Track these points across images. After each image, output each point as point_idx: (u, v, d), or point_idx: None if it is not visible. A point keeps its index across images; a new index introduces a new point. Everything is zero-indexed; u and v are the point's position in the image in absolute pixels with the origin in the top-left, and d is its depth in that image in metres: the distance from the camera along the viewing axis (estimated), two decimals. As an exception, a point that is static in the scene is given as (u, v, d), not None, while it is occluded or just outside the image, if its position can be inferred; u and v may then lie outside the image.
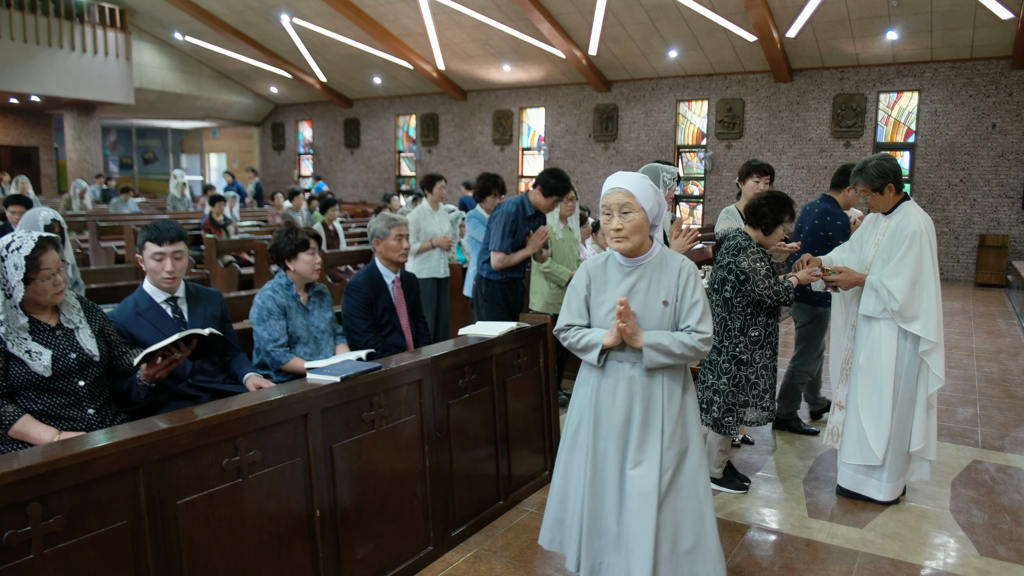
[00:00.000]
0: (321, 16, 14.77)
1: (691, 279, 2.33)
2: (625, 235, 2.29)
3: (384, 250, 3.71)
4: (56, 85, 14.61)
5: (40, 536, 1.77)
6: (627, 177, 2.33)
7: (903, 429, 3.47)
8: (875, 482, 3.54)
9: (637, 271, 2.36)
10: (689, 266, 2.35)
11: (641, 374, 2.35)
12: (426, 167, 18.11)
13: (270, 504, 2.33)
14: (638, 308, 2.33)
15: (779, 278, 3.46)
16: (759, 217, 3.48)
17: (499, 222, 4.40)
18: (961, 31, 11.30)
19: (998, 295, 10.95)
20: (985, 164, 12.10)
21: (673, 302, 2.33)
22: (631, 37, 13.37)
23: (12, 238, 2.38)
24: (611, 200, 2.31)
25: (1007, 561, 3.07)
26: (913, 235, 3.34)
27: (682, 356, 2.29)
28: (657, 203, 2.34)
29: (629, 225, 2.28)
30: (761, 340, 3.46)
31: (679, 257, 2.37)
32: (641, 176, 2.33)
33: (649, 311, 2.33)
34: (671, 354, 2.27)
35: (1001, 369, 6.34)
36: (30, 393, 2.37)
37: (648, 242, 2.37)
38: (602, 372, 2.40)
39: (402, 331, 3.74)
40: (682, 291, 2.32)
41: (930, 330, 3.34)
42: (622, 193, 2.29)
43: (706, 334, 2.30)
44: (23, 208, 5.52)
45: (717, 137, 14.30)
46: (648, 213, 2.30)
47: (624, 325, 2.26)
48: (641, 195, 2.29)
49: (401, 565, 2.83)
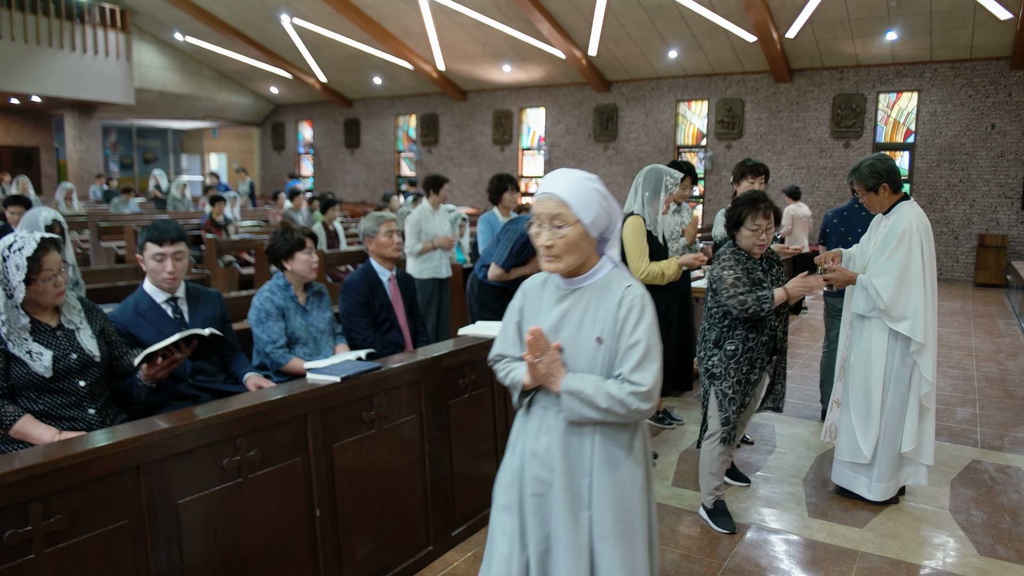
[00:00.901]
0: (321, 16, 14.77)
1: (633, 312, 1.79)
2: (556, 254, 1.81)
3: (376, 247, 3.72)
4: (57, 85, 14.62)
5: (41, 536, 1.78)
6: (562, 180, 1.82)
7: (894, 430, 3.48)
8: (865, 480, 3.57)
9: (573, 296, 1.88)
10: (635, 296, 1.81)
11: (566, 427, 1.86)
12: (426, 167, 18.12)
13: (270, 504, 2.33)
14: (568, 343, 1.85)
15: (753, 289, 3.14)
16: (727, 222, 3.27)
17: (509, 237, 4.34)
18: (960, 31, 11.30)
19: (997, 295, 10.96)
20: (984, 164, 12.11)
21: (609, 340, 1.81)
22: (631, 37, 13.38)
23: (14, 238, 2.38)
24: (540, 209, 1.81)
25: (1006, 561, 3.07)
26: (902, 235, 3.36)
27: (608, 412, 1.77)
28: (605, 211, 1.84)
29: (562, 242, 1.79)
30: (737, 355, 3.19)
31: (626, 282, 1.85)
32: (582, 178, 1.83)
33: (580, 348, 1.84)
34: (594, 406, 1.78)
35: (1000, 369, 6.34)
36: (31, 393, 2.38)
37: (594, 259, 1.88)
38: (527, 418, 1.96)
39: (400, 328, 3.75)
40: (620, 326, 1.80)
41: (917, 330, 3.35)
42: (553, 201, 1.80)
43: (641, 387, 1.75)
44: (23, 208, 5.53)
45: (717, 137, 14.31)
46: (590, 226, 1.80)
47: (536, 361, 1.80)
48: (578, 203, 1.79)
49: (401, 565, 2.83)
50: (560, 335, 1.86)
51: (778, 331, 3.30)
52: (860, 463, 3.54)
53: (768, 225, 3.16)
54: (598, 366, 1.83)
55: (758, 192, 3.22)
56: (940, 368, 6.18)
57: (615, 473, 1.85)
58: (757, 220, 3.14)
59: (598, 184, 1.85)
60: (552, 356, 1.82)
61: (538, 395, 1.92)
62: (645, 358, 1.78)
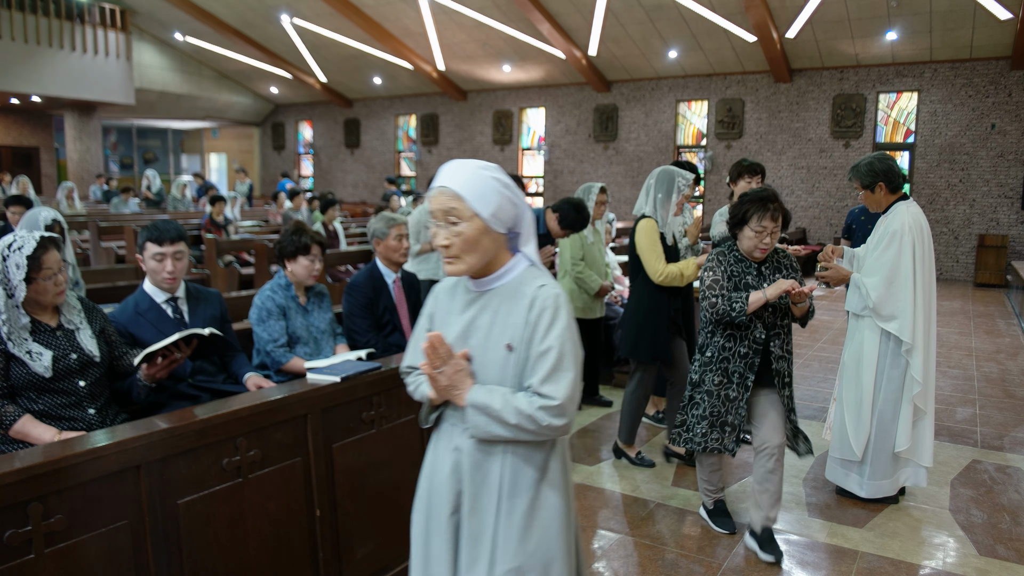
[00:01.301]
0: (321, 16, 14.77)
1: (545, 315, 1.59)
2: (455, 254, 1.62)
3: (384, 250, 3.71)
4: (57, 85, 14.62)
5: (41, 536, 1.78)
6: (455, 171, 1.63)
7: (887, 429, 3.49)
8: (856, 477, 3.58)
9: (482, 299, 1.68)
10: (548, 296, 1.61)
11: (472, 447, 1.66)
12: (426, 167, 18.12)
13: (270, 504, 2.33)
14: (477, 351, 1.66)
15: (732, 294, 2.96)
16: (730, 219, 3.04)
17: None
18: (960, 31, 11.30)
19: (997, 295, 10.95)
20: (984, 164, 12.11)
21: (520, 347, 1.61)
22: (631, 37, 13.38)
23: (14, 238, 2.38)
24: (434, 205, 1.63)
25: (1006, 561, 3.07)
26: (893, 234, 3.38)
27: (518, 429, 1.58)
28: (508, 202, 1.64)
29: (459, 240, 1.60)
30: (712, 362, 3.05)
31: (540, 281, 1.65)
32: (477, 168, 1.64)
33: (490, 357, 1.64)
34: (502, 422, 1.58)
35: (1000, 369, 6.34)
36: (31, 393, 2.38)
37: (504, 257, 1.68)
38: (437, 435, 1.77)
39: (403, 331, 3.74)
40: (531, 331, 1.60)
41: (905, 330, 3.36)
42: (446, 195, 1.61)
43: (553, 400, 1.55)
44: (23, 208, 5.53)
45: (717, 137, 14.31)
46: (490, 219, 1.61)
47: (436, 373, 1.61)
48: (474, 195, 1.60)
49: (401, 565, 2.83)
50: (469, 342, 1.67)
51: (773, 346, 3.02)
52: (851, 460, 3.57)
53: (775, 228, 2.92)
54: (509, 376, 1.62)
55: (769, 190, 2.98)
56: (940, 368, 6.19)
57: (527, 499, 1.64)
58: (763, 221, 2.90)
59: (498, 173, 1.65)
60: (456, 366, 1.62)
61: (447, 410, 1.72)
62: (557, 367, 1.57)
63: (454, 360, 1.63)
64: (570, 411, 1.58)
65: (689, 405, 3.16)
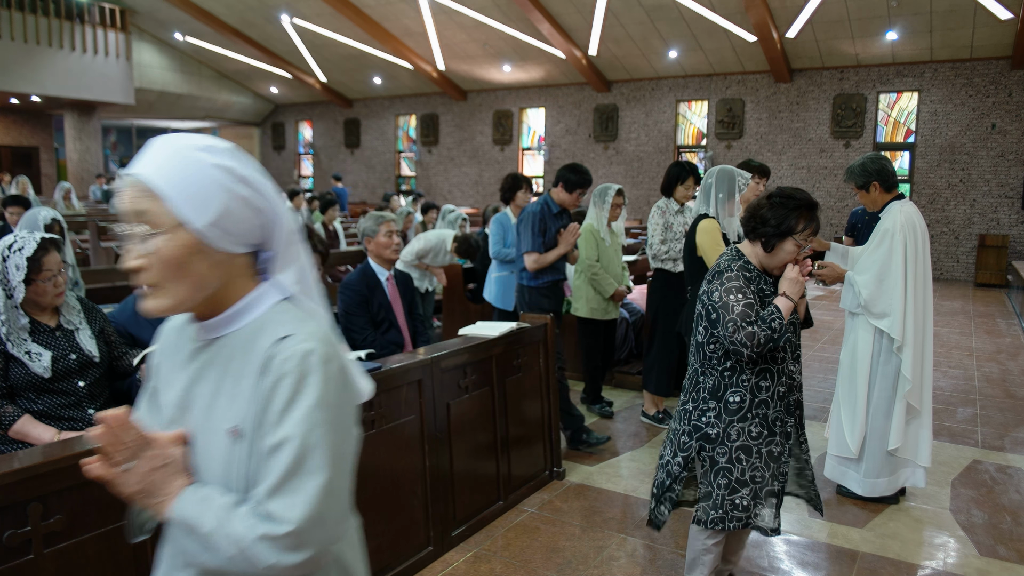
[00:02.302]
0: (321, 16, 14.77)
1: (283, 386, 1.01)
2: (151, 281, 1.05)
3: (375, 248, 3.72)
4: (56, 85, 14.62)
5: (40, 536, 1.78)
6: (158, 153, 1.04)
7: (882, 427, 3.51)
8: (853, 475, 3.60)
9: (208, 352, 1.10)
10: (289, 353, 1.02)
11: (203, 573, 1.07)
12: (426, 167, 18.13)
13: (270, 504, 2.32)
14: (198, 431, 1.09)
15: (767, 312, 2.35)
16: (756, 226, 2.42)
17: (527, 224, 4.31)
18: (961, 31, 11.30)
19: (998, 295, 10.95)
20: (985, 164, 12.11)
21: (249, 432, 1.03)
22: (631, 37, 13.38)
23: (14, 238, 2.38)
24: (122, 203, 1.06)
25: (1007, 561, 3.07)
26: (884, 232, 3.42)
27: (233, 564, 0.99)
28: (245, 204, 1.06)
29: (155, 260, 1.04)
30: (744, 410, 2.39)
31: (283, 329, 1.05)
32: (191, 148, 1.05)
33: (212, 442, 1.06)
34: (215, 551, 1.00)
35: (1001, 369, 6.34)
36: (30, 394, 2.37)
37: (243, 287, 1.10)
38: (164, 552, 1.19)
39: (399, 328, 3.75)
40: (263, 409, 1.02)
41: (895, 328, 3.39)
42: (137, 189, 1.03)
43: (281, 525, 0.98)
44: (22, 209, 5.52)
45: (717, 137, 14.31)
46: (208, 231, 1.03)
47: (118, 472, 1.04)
48: (180, 193, 1.02)
49: (401, 565, 2.83)
50: (187, 417, 1.10)
51: (795, 372, 2.50)
52: (848, 458, 3.60)
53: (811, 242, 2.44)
54: (234, 476, 1.04)
55: (808, 194, 2.43)
56: (941, 368, 6.18)
57: None
58: (808, 235, 2.40)
59: (227, 158, 1.06)
60: (156, 459, 1.04)
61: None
62: (296, 470, 0.99)
63: (153, 451, 1.04)
64: (314, 540, 1.00)
65: (712, 470, 2.42)
